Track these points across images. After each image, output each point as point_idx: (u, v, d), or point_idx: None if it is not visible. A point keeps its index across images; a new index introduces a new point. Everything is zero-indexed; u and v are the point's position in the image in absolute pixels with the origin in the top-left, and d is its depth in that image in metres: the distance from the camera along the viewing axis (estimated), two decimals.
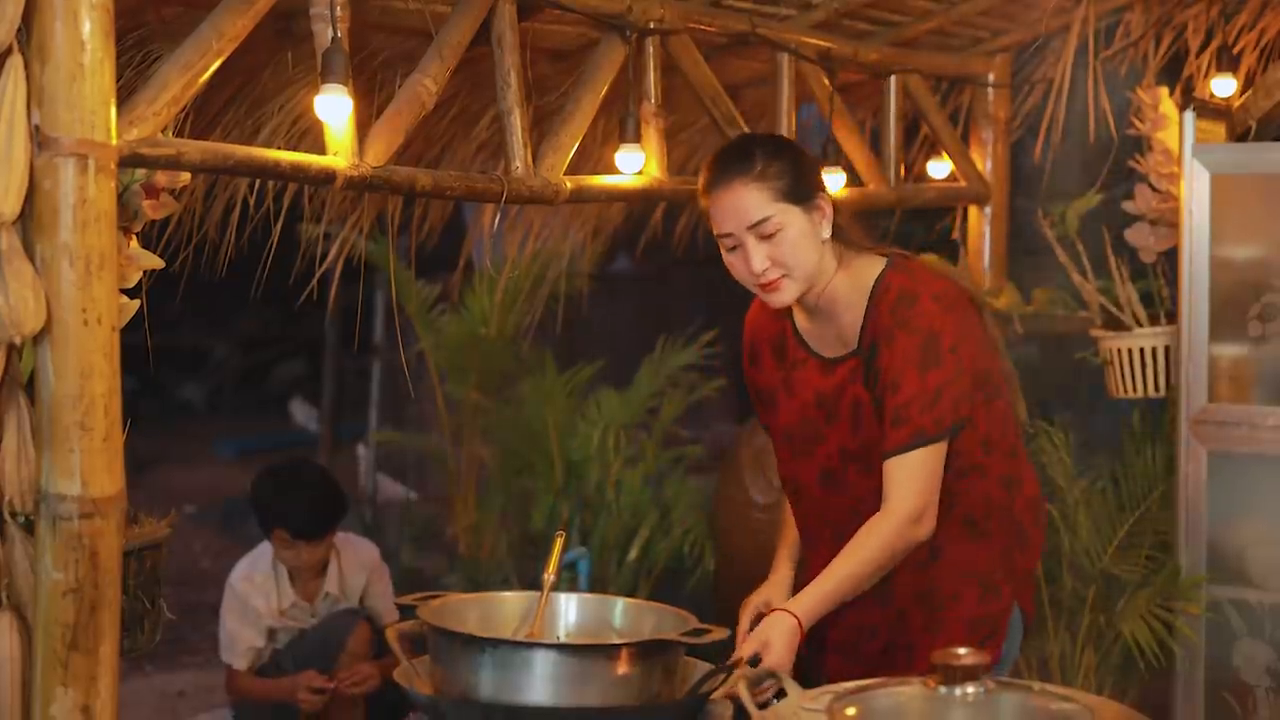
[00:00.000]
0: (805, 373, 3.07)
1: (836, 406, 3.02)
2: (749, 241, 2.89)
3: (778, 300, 2.94)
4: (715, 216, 2.93)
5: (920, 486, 2.89)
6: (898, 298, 2.92)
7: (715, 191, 2.91)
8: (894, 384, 2.90)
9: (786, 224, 2.88)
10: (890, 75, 4.40)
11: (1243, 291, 4.23)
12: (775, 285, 2.90)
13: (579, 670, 2.49)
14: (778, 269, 2.89)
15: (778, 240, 2.88)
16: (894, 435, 2.89)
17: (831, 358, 3.03)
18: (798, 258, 2.90)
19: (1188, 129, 4.25)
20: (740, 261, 2.92)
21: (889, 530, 2.87)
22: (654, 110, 3.62)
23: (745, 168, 2.89)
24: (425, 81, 3.06)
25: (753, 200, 2.87)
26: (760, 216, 2.87)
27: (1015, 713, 2.30)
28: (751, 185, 2.88)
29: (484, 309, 5.71)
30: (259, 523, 4.56)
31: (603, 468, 5.57)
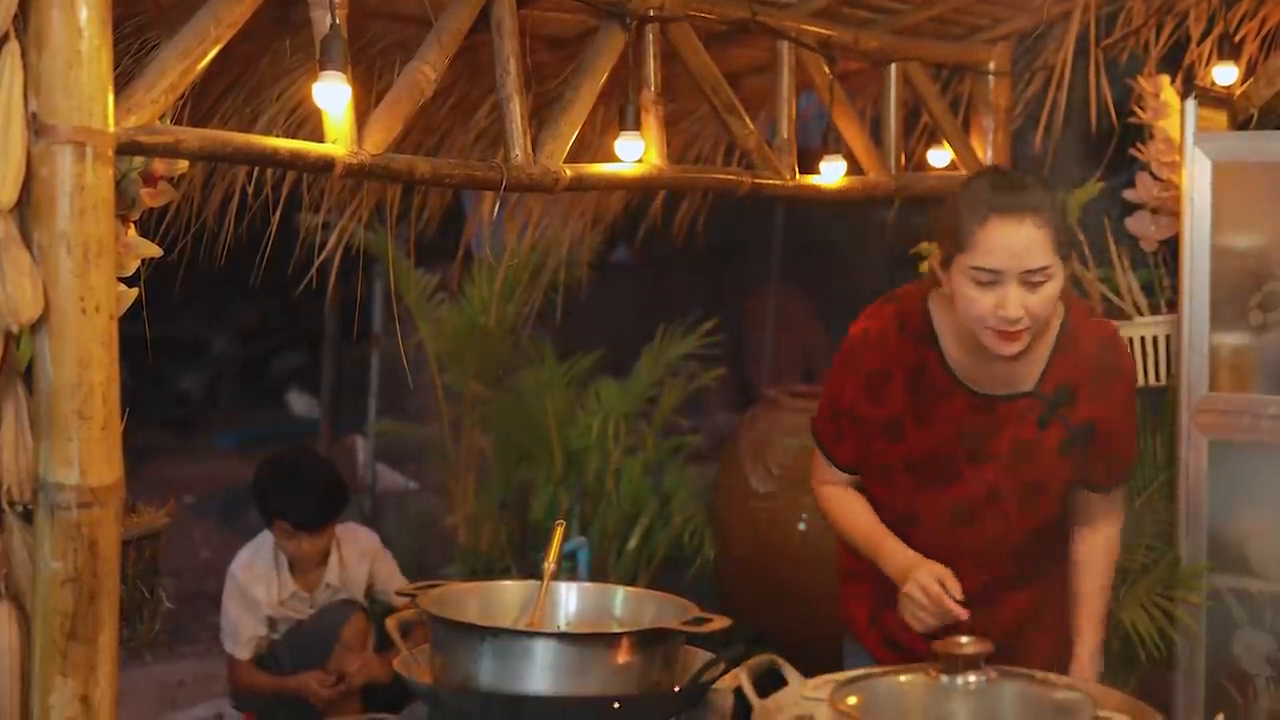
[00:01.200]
0: (949, 406, 2.95)
1: (989, 446, 2.94)
2: (1014, 285, 2.73)
3: (1008, 349, 2.80)
4: (985, 247, 2.73)
5: (1119, 508, 3.14)
6: (1100, 347, 2.93)
7: (996, 221, 2.72)
8: (1111, 435, 2.98)
9: (1054, 278, 2.76)
10: (890, 63, 4.38)
11: (1244, 280, 4.22)
12: (1017, 336, 2.78)
13: (579, 659, 2.48)
14: (1028, 319, 2.76)
15: (1040, 292, 2.74)
16: (1112, 473, 3.04)
17: (993, 395, 2.94)
18: (1047, 313, 2.79)
19: (1189, 117, 4.24)
20: (990, 301, 2.75)
21: (1114, 549, 3.12)
22: (653, 98, 3.60)
23: (1037, 204, 2.73)
24: (424, 69, 3.04)
25: (1039, 244, 2.72)
26: (1042, 264, 2.72)
27: (1016, 701, 2.30)
28: (1041, 228, 2.72)
29: (483, 298, 5.70)
30: (260, 513, 4.57)
31: (602, 457, 5.57)
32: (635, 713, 2.53)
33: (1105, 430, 2.94)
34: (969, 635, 2.35)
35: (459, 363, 5.83)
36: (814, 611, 5.05)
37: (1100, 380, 2.90)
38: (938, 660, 2.30)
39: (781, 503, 5.21)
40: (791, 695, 2.42)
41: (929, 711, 2.29)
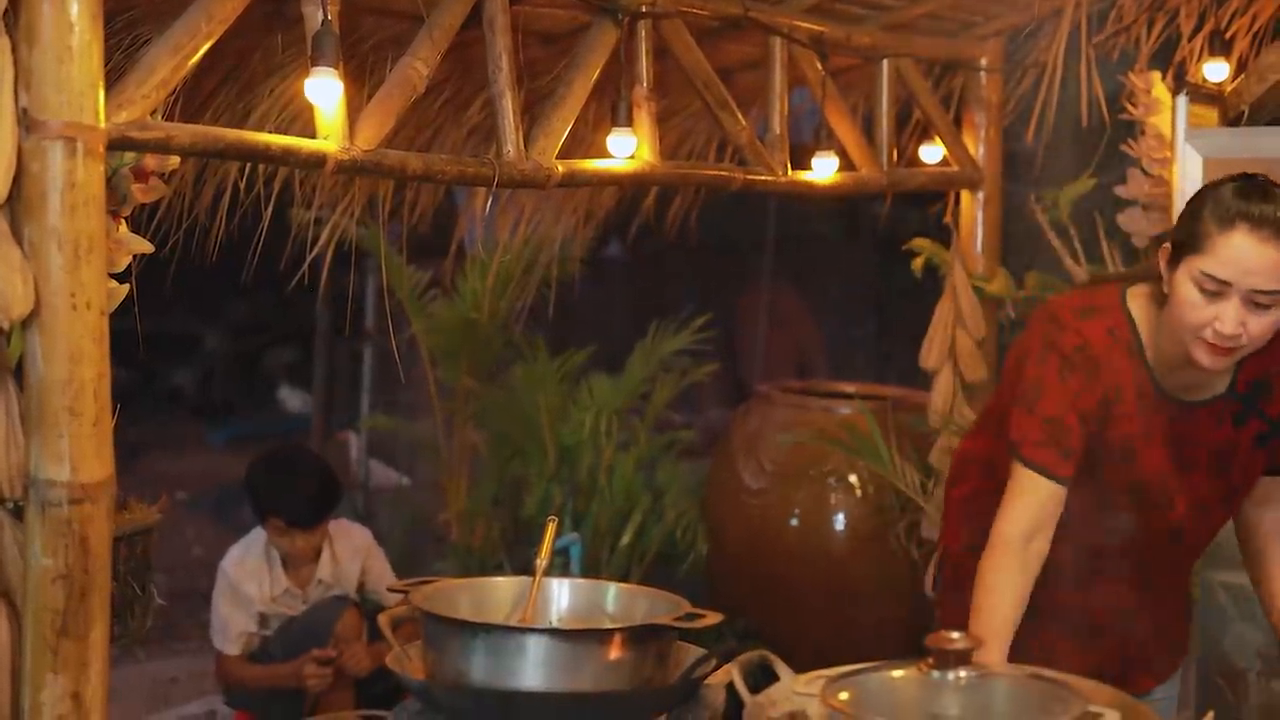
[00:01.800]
0: (1161, 420, 2.82)
1: (1195, 454, 2.85)
2: (1238, 300, 2.59)
3: (1215, 363, 2.67)
4: (1220, 255, 2.59)
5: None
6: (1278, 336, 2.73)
7: (1241, 230, 2.58)
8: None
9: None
10: (883, 59, 4.38)
11: None
12: (1228, 353, 2.64)
13: (571, 655, 2.48)
14: (1245, 339, 2.62)
15: (1265, 316, 2.60)
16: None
17: (1190, 401, 2.83)
18: (1263, 337, 2.64)
19: (1180, 114, 4.24)
20: (1210, 312, 2.61)
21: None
22: (646, 94, 3.61)
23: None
24: (416, 64, 3.04)
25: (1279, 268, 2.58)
26: (1274, 288, 2.58)
27: (1008, 696, 2.30)
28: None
29: (476, 294, 5.70)
30: (253, 510, 4.56)
31: (595, 453, 5.57)
32: (627, 708, 2.53)
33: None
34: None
35: (451, 358, 5.83)
36: (806, 607, 5.07)
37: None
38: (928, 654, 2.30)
39: (774, 499, 5.22)
40: (783, 691, 2.41)
41: (921, 706, 2.28)
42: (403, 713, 2.61)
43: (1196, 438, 2.84)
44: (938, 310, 4.74)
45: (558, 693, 2.48)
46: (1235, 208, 2.59)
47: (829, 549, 5.13)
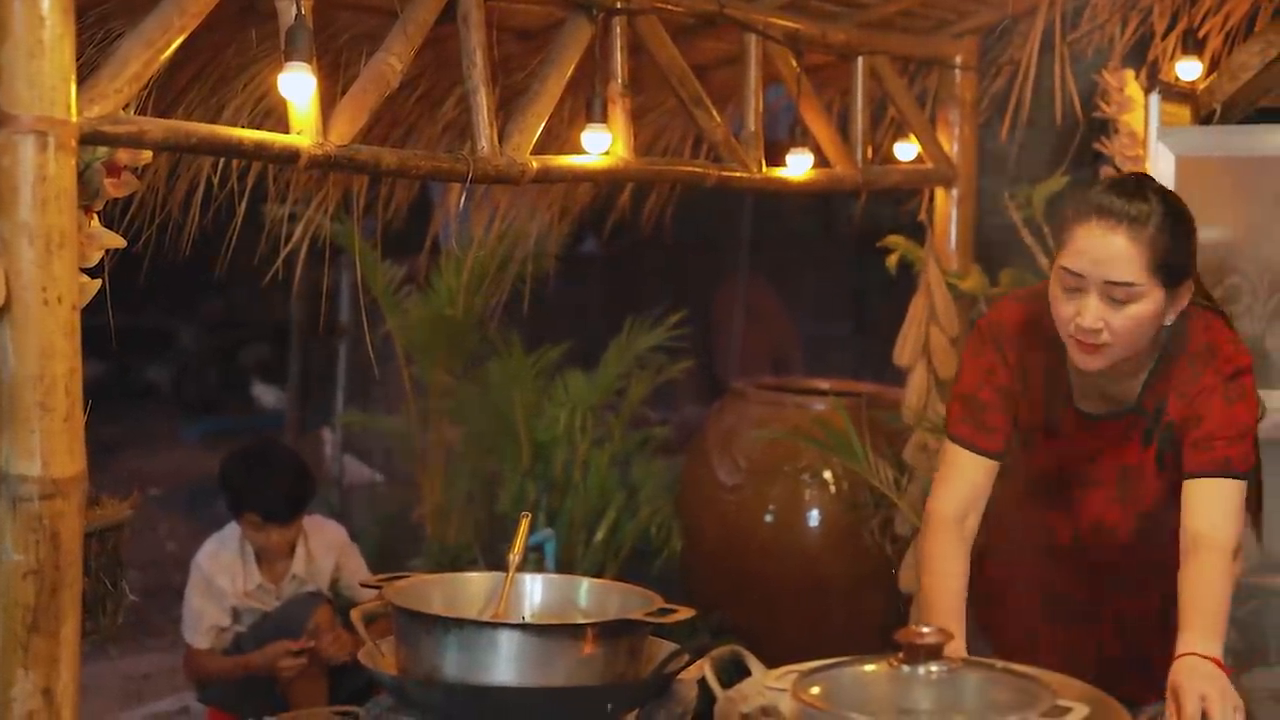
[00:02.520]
0: (1069, 421, 2.83)
1: (1095, 472, 2.84)
2: (1095, 294, 2.59)
3: (1088, 363, 2.66)
4: (1074, 249, 2.60)
5: (1233, 520, 2.68)
6: (1197, 351, 2.73)
7: (1090, 224, 2.59)
8: (1198, 418, 2.70)
9: (1145, 299, 2.59)
10: (858, 57, 4.39)
11: (1206, 274, 4.20)
12: (1094, 350, 2.63)
13: (543, 650, 2.49)
14: (1107, 335, 2.61)
15: (1125, 311, 2.59)
16: (1198, 458, 2.69)
17: (1093, 414, 2.81)
18: (1132, 336, 2.63)
19: (1153, 112, 4.26)
20: (1072, 307, 2.62)
21: (1220, 570, 2.63)
22: (620, 90, 3.61)
23: (1139, 216, 2.57)
24: (390, 60, 3.04)
25: (1126, 259, 2.56)
26: (1124, 279, 2.57)
27: (978, 691, 2.31)
28: (1135, 242, 2.56)
29: (451, 290, 5.69)
30: (228, 506, 4.55)
31: (570, 449, 5.57)
32: (600, 703, 2.54)
33: (1189, 419, 2.71)
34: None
35: (426, 354, 5.82)
36: (781, 603, 5.08)
37: (1189, 380, 2.72)
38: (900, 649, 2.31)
39: (749, 495, 5.23)
40: (755, 685, 2.42)
41: (892, 701, 2.30)
42: (375, 708, 2.61)
43: (1097, 454, 2.82)
44: (912, 307, 4.76)
45: (530, 688, 2.48)
46: (1091, 202, 2.62)
47: (803, 545, 5.14)
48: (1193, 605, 2.62)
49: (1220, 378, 2.71)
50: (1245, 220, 4.26)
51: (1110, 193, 2.62)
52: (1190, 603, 2.63)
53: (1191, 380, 2.72)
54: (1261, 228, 4.23)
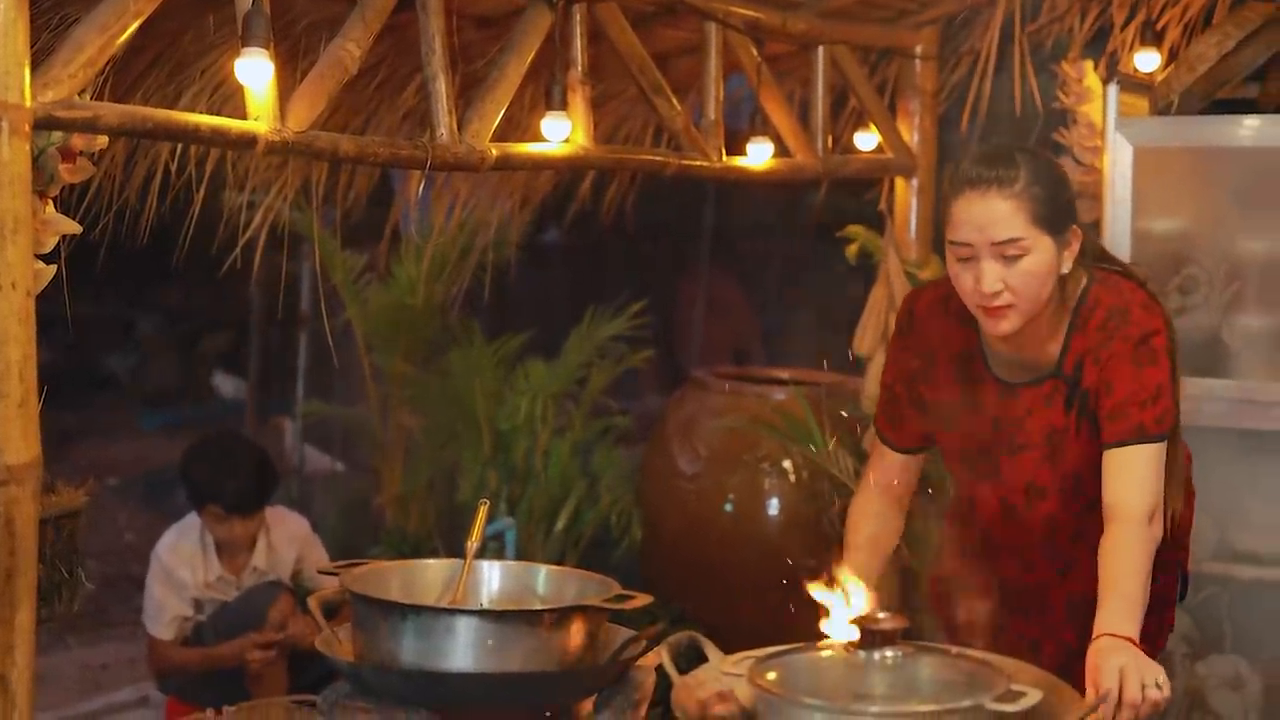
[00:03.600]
0: (984, 395, 2.89)
1: (1019, 436, 2.88)
2: (986, 258, 2.67)
3: (999, 328, 2.73)
4: (957, 221, 2.69)
5: (1147, 486, 2.71)
6: (1107, 315, 2.77)
7: (966, 194, 2.67)
8: (1108, 385, 2.75)
9: (1034, 250, 2.66)
10: (818, 46, 4.40)
11: (1163, 264, 4.27)
12: (1001, 313, 2.70)
13: (500, 636, 2.49)
14: (1009, 295, 2.68)
15: (1019, 266, 2.66)
16: (1112, 428, 2.73)
17: (1015, 382, 2.87)
18: (1032, 289, 2.69)
19: (1111, 103, 4.29)
20: (970, 276, 2.69)
21: (1135, 537, 2.66)
22: (580, 78, 3.61)
23: (1008, 178, 2.65)
24: (348, 46, 3.03)
25: (1006, 216, 2.64)
26: (1009, 236, 2.65)
27: (933, 676, 2.33)
28: (1010, 199, 2.65)
29: (411, 279, 5.68)
30: (190, 498, 4.54)
31: (531, 438, 5.57)
32: (557, 689, 2.54)
33: (1100, 387, 2.76)
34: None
35: (387, 343, 5.81)
36: (740, 591, 5.09)
37: (1099, 346, 2.77)
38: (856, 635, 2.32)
39: (708, 484, 5.24)
40: (711, 671, 2.43)
41: (847, 686, 2.31)
42: (332, 695, 2.61)
43: (1024, 418, 2.87)
44: (871, 296, 4.77)
45: (486, 674, 2.48)
46: (960, 175, 2.71)
47: (763, 534, 5.15)
48: (1108, 583, 2.65)
49: (1129, 343, 2.75)
50: (1202, 211, 4.30)
51: (978, 163, 2.70)
52: (1106, 581, 2.66)
53: (1102, 346, 2.77)
54: (1218, 218, 4.26)
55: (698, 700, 2.36)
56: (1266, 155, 4.16)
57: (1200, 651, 4.23)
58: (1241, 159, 4.21)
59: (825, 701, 2.21)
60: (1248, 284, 4.19)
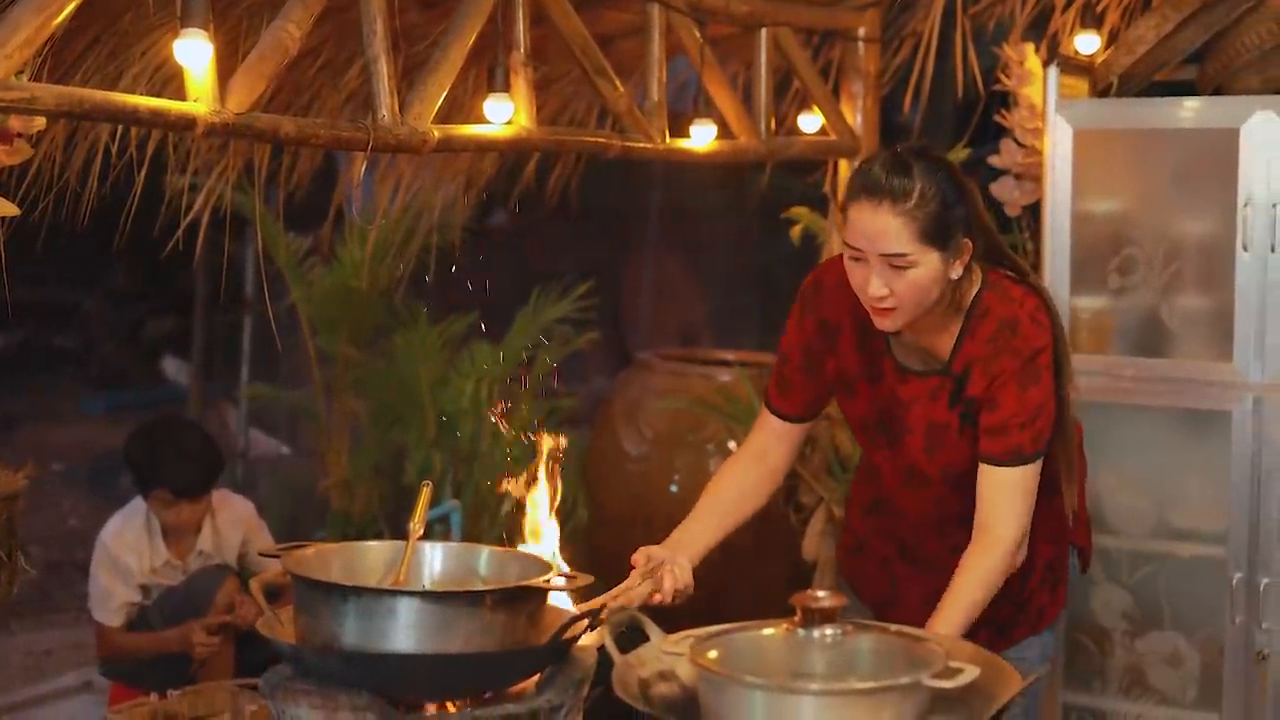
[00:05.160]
0: (882, 371, 2.98)
1: (906, 420, 2.96)
2: (876, 264, 2.75)
3: (884, 325, 2.82)
4: (850, 225, 2.77)
5: (1020, 512, 2.84)
6: (997, 327, 2.85)
7: (860, 203, 2.74)
8: (992, 401, 2.84)
9: (920, 264, 2.74)
10: (761, 28, 4.41)
11: (1103, 245, 4.31)
12: (886, 313, 2.79)
13: (442, 617, 2.49)
14: (894, 300, 2.76)
15: (905, 277, 2.74)
16: (990, 444, 2.85)
17: (909, 368, 2.95)
18: (918, 297, 2.77)
19: (1051, 85, 4.32)
20: (860, 275, 2.78)
21: (997, 563, 2.81)
22: (523, 60, 3.60)
23: (901, 192, 2.72)
24: (289, 27, 3.01)
25: (895, 232, 2.72)
26: (897, 251, 2.72)
27: (872, 654, 2.35)
28: (900, 215, 2.71)
29: (355, 261, 5.66)
30: (136, 482, 4.51)
31: (476, 420, 5.57)
32: (498, 669, 2.55)
33: (984, 400, 2.85)
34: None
35: (331, 326, 5.79)
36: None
37: (988, 358, 2.84)
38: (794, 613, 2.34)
39: (654, 465, 5.26)
40: (653, 651, 2.45)
41: (787, 664, 2.32)
42: (274, 677, 2.60)
43: (911, 406, 2.95)
44: None
45: (428, 655, 2.48)
46: (859, 182, 2.77)
47: None
48: (955, 591, 2.79)
49: (1018, 360, 2.84)
50: (1141, 192, 4.34)
51: (877, 170, 2.76)
52: (955, 588, 2.79)
53: (991, 359, 2.85)
54: (1157, 199, 4.30)
55: (639, 680, 2.37)
56: (1204, 136, 4.20)
57: (1139, 629, 4.29)
58: (1180, 140, 4.25)
59: (765, 680, 2.23)
60: (1186, 264, 4.23)
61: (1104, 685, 4.32)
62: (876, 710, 2.17)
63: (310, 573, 2.59)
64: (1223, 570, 4.15)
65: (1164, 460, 4.29)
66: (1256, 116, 4.06)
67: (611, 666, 2.41)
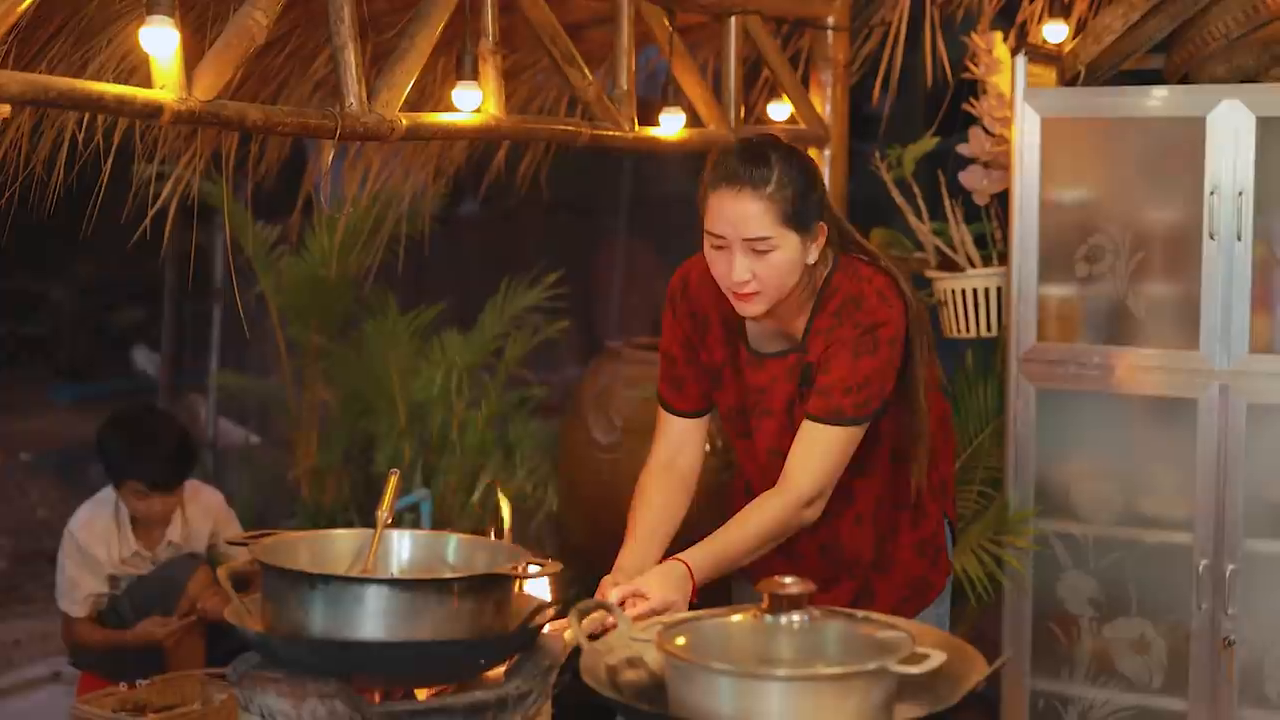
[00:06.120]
0: (741, 361, 3.09)
1: (767, 402, 3.05)
2: (738, 250, 2.85)
3: (747, 310, 2.92)
4: (712, 213, 2.87)
5: (823, 469, 2.92)
6: (842, 302, 2.94)
7: (720, 190, 2.85)
8: (825, 365, 2.93)
9: (782, 247, 2.85)
10: (730, 17, 4.41)
11: (1070, 233, 4.33)
12: (749, 298, 2.89)
13: (409, 605, 2.49)
14: (756, 284, 2.87)
15: (768, 260, 2.85)
16: (815, 403, 2.93)
17: (766, 352, 3.05)
18: (779, 280, 2.88)
19: (1019, 73, 4.34)
20: (723, 263, 2.88)
21: (781, 510, 2.91)
22: (491, 48, 3.59)
23: (760, 178, 2.83)
24: (255, 14, 3.00)
25: (757, 215, 2.83)
26: (759, 234, 2.84)
27: (840, 640, 2.35)
28: (761, 200, 2.83)
29: (324, 250, 5.64)
30: (108, 473, 4.48)
31: (446, 409, 5.56)
32: (466, 657, 2.55)
33: (819, 365, 2.95)
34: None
35: (301, 315, 5.78)
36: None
37: (831, 330, 2.94)
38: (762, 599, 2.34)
39: (623, 453, 5.24)
40: (620, 637, 2.45)
41: (754, 650, 2.33)
42: (241, 665, 2.60)
43: (769, 387, 3.05)
44: None
45: (396, 642, 2.48)
46: (718, 170, 2.87)
47: None
48: (724, 529, 2.92)
49: (856, 330, 2.93)
50: (1108, 180, 4.36)
51: (736, 159, 2.87)
52: (728, 527, 2.93)
53: (832, 330, 2.96)
54: (1124, 188, 4.33)
55: (607, 666, 2.37)
56: (1171, 125, 4.22)
57: (1106, 615, 4.31)
58: (1146, 129, 4.27)
59: (733, 666, 2.23)
60: (1152, 253, 4.25)
61: (1071, 671, 4.35)
62: (843, 696, 2.18)
63: (278, 561, 2.59)
64: (1189, 557, 4.18)
65: (1130, 447, 4.32)
66: (1223, 105, 4.09)
67: (580, 653, 2.41)
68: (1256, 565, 4.13)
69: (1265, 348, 4.13)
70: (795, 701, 2.17)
